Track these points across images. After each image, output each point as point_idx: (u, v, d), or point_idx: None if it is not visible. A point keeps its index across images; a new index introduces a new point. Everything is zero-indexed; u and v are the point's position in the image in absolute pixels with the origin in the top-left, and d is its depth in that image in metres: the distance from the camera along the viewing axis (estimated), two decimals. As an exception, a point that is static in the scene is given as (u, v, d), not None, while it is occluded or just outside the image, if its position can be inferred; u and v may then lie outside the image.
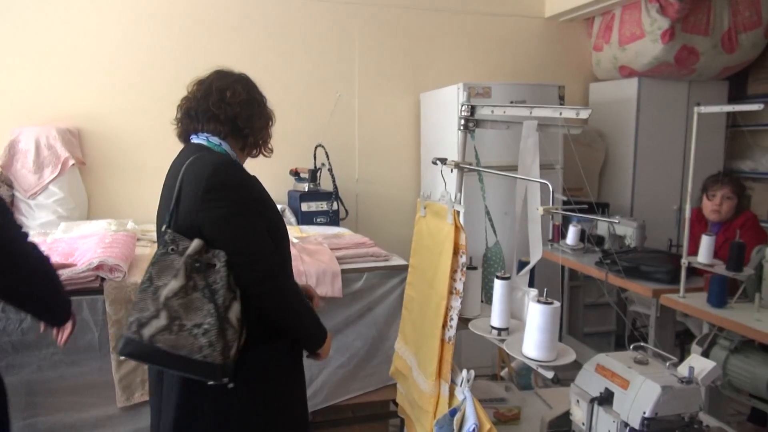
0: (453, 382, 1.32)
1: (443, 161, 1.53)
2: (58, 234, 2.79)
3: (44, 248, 2.36)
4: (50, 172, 3.31)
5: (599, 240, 3.51)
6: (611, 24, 4.18)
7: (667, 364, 1.23)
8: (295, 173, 3.76)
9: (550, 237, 3.60)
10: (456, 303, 1.32)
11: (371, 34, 4.07)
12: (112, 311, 2.14)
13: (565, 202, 2.63)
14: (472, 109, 1.45)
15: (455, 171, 1.69)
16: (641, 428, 1.13)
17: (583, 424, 1.28)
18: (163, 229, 1.47)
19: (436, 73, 4.21)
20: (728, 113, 4.24)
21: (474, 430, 1.18)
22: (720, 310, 2.26)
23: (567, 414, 1.38)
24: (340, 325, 2.46)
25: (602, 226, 3.56)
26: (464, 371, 1.28)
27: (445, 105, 3.79)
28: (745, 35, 3.94)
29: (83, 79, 3.53)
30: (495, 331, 1.26)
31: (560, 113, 1.23)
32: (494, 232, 1.71)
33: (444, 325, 1.34)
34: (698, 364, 1.18)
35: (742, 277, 2.28)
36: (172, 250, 1.41)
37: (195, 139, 1.63)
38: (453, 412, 1.24)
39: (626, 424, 1.17)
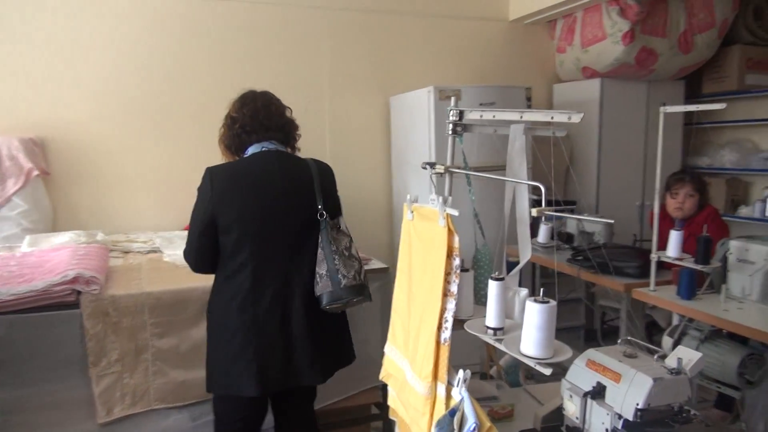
0: (449, 383, 1.34)
1: (432, 165, 1.55)
2: (24, 247, 2.71)
3: (13, 263, 2.30)
4: (13, 184, 3.20)
5: (569, 237, 3.59)
6: (573, 26, 4.29)
7: (655, 356, 1.28)
8: (267, 179, 3.73)
9: (482, 234, 3.66)
10: (450, 305, 1.34)
11: (340, 39, 4.07)
12: (89, 325, 2.09)
13: (556, 203, 2.69)
14: (461, 114, 1.47)
15: (434, 175, 1.71)
16: (635, 419, 1.18)
17: (577, 417, 1.32)
18: (320, 215, 1.96)
19: (405, 77, 4.24)
20: (684, 112, 4.41)
21: (475, 429, 1.20)
22: (689, 302, 2.34)
23: (559, 409, 1.42)
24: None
25: (571, 223, 3.65)
26: (460, 372, 1.30)
27: (415, 108, 3.82)
28: (700, 36, 4.10)
29: (45, 88, 3.42)
30: (491, 331, 1.29)
31: (552, 117, 1.26)
32: (482, 234, 1.74)
33: (439, 327, 1.36)
34: (685, 356, 1.24)
35: (709, 270, 2.38)
36: (335, 227, 2.02)
37: (268, 146, 1.99)
38: (452, 413, 1.26)
39: (620, 416, 1.21)
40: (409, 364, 1.50)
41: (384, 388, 2.64)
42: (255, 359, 1.87)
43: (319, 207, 1.97)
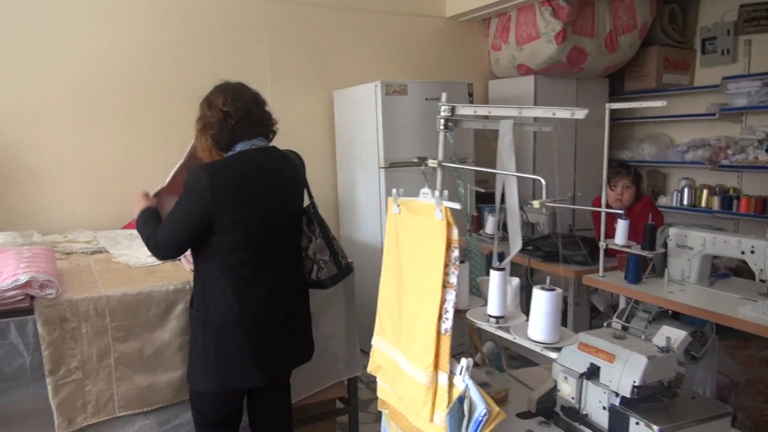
0: (451, 372, 1.38)
1: (423, 159, 1.57)
2: (-46, 251, 2.49)
3: (-49, 268, 2.11)
4: (-69, 182, 2.93)
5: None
6: (508, 25, 4.45)
7: (643, 337, 1.38)
8: (211, 174, 3.62)
9: (468, 228, 3.78)
10: (450, 296, 1.38)
11: (280, 32, 4.01)
12: (45, 332, 1.96)
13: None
14: (452, 110, 1.51)
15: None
16: (632, 395, 1.27)
17: (573, 398, 1.40)
18: (312, 205, 2.12)
19: (346, 71, 4.24)
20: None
21: (486, 414, 1.25)
22: (636, 286, 2.52)
23: (551, 391, 1.49)
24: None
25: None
26: (463, 360, 1.34)
27: (361, 103, 3.84)
28: (624, 37, 4.37)
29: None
30: (493, 320, 1.34)
31: (553, 113, 1.32)
32: (470, 227, 1.79)
33: (439, 318, 1.39)
34: (672, 334, 1.34)
35: (652, 255, 2.56)
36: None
37: (259, 143, 1.99)
38: (461, 400, 1.30)
39: (617, 394, 1.30)
40: (405, 355, 1.53)
41: (351, 382, 2.67)
42: (260, 349, 1.93)
43: (311, 197, 2.12)
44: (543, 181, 1.30)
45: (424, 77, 4.39)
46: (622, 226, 2.58)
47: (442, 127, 1.46)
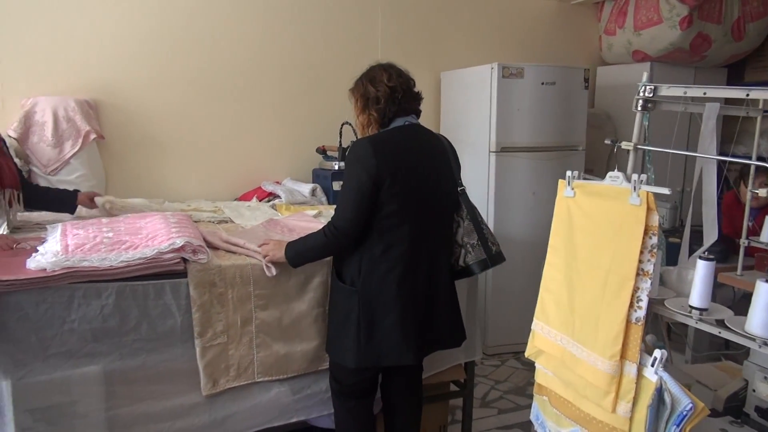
0: (640, 363, 1.32)
1: (615, 141, 1.51)
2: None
3: (106, 229, 2.22)
4: (70, 147, 3.09)
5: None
6: (625, 9, 4.26)
7: None
8: (323, 151, 3.66)
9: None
10: (645, 284, 1.32)
11: (394, 11, 3.99)
12: (196, 295, 2.02)
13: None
14: (654, 90, 1.43)
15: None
16: None
17: (772, 400, 1.32)
18: (460, 188, 2.08)
19: (456, 53, 4.19)
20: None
21: (691, 409, 1.19)
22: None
23: (739, 390, 1.42)
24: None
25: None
26: (657, 351, 1.29)
27: (473, 85, 3.77)
28: (753, 24, 4.11)
29: (100, 48, 3.29)
30: (696, 312, 1.27)
31: (747, 94, 1.23)
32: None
33: (630, 306, 1.34)
34: None
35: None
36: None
37: (412, 120, 2.02)
38: (659, 392, 1.25)
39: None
40: (580, 342, 1.48)
41: (468, 366, 2.65)
42: (413, 328, 1.94)
43: (459, 180, 2.07)
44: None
45: (533, 61, 4.27)
46: (770, 224, 2.42)
47: (639, 108, 1.39)
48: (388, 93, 1.95)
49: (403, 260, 1.91)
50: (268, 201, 3.42)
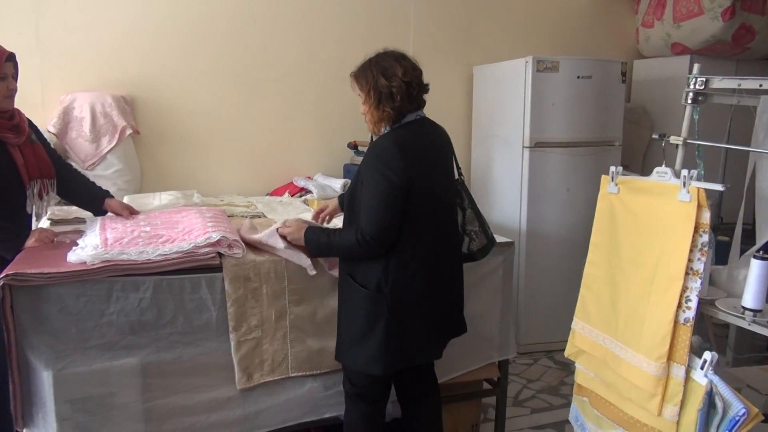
0: (688, 365, 1.28)
1: (663, 136, 1.46)
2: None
3: (143, 223, 2.24)
4: (107, 142, 3.14)
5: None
6: (664, 0, 4.15)
7: None
8: (354, 146, 3.65)
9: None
10: (695, 284, 1.28)
11: (426, 6, 3.95)
12: (231, 289, 2.03)
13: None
14: (706, 82, 1.38)
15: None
16: None
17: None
18: (458, 178, 2.06)
19: (489, 46, 4.13)
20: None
21: (745, 415, 1.15)
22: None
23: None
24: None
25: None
26: (707, 354, 1.24)
27: (506, 79, 3.72)
28: (799, 15, 3.96)
29: (135, 45, 3.33)
30: (750, 313, 1.22)
31: None
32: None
33: (679, 306, 1.30)
34: None
35: None
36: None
37: (420, 113, 1.93)
38: (710, 396, 1.21)
39: None
40: (624, 342, 1.44)
41: (502, 364, 2.61)
42: (436, 325, 1.93)
43: (459, 169, 2.06)
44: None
45: (567, 54, 4.18)
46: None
47: (689, 101, 1.34)
48: (404, 89, 1.82)
49: (429, 261, 1.88)
50: (300, 196, 3.42)
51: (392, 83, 1.83)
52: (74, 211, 2.66)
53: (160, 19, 3.35)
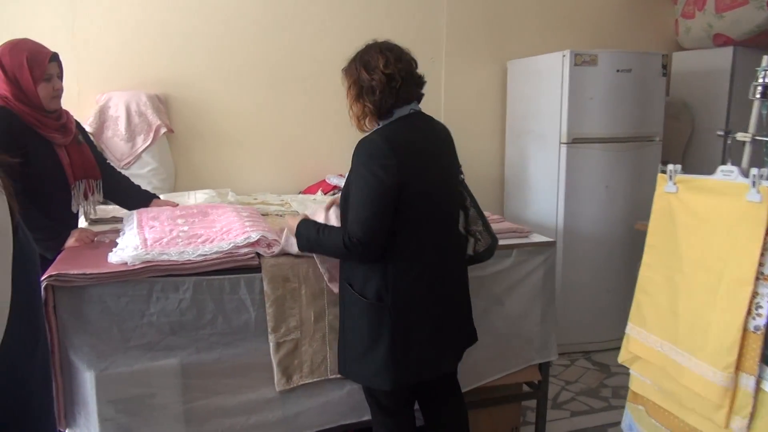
0: (759, 376, 1.21)
1: (728, 133, 1.39)
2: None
3: (181, 221, 2.23)
4: (142, 141, 3.14)
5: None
6: (706, -10, 4.01)
7: None
8: (387, 143, 3.60)
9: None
10: (766, 289, 1.20)
11: (459, 0, 3.88)
12: (270, 290, 2.01)
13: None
14: (777, 75, 1.31)
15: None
16: None
17: None
18: (462, 176, 1.96)
19: (523, 41, 4.04)
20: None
21: (826, 429, 1.08)
22: None
23: None
24: (486, 303, 2.35)
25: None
26: (779, 363, 1.17)
27: (541, 73, 3.63)
28: None
29: (169, 44, 3.33)
30: (828, 321, 1.15)
31: None
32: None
33: (748, 313, 1.23)
34: None
35: None
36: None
37: (414, 107, 1.83)
38: (787, 409, 1.14)
39: None
40: (687, 350, 1.37)
41: (543, 367, 2.54)
42: (447, 333, 1.85)
43: (460, 168, 1.96)
44: None
45: (604, 47, 4.08)
46: None
47: (758, 96, 1.26)
48: (384, 82, 1.72)
49: (431, 264, 1.78)
50: (333, 194, 3.39)
51: (373, 76, 1.75)
52: (111, 210, 2.67)
53: (193, 20, 3.34)
